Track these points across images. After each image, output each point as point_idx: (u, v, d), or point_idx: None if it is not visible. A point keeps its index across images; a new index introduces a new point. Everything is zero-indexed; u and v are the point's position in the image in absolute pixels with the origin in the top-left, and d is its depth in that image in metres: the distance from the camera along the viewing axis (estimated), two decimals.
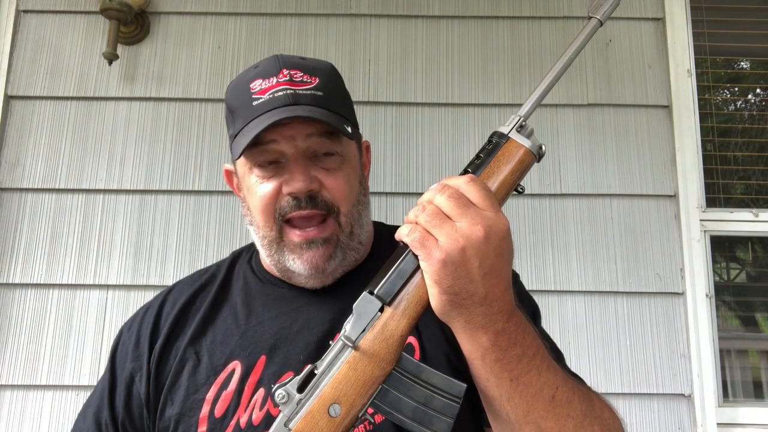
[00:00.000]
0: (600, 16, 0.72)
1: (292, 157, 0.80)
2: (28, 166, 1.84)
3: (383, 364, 0.62)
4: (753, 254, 2.03)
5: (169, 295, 0.94)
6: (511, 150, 0.68)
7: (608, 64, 1.93)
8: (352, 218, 0.84)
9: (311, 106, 0.79)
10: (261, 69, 0.83)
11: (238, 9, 1.95)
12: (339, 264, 0.84)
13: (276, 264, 0.86)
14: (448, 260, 0.59)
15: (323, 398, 0.62)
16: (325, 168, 0.81)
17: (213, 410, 0.79)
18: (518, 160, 0.68)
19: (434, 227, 0.59)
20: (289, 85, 0.80)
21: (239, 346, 0.83)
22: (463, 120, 1.90)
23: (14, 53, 1.91)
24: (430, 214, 0.60)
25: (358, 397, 0.62)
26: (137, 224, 1.81)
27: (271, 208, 0.81)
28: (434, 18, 1.96)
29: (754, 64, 2.19)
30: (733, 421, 1.74)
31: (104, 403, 0.86)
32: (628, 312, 1.77)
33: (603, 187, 1.85)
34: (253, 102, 0.80)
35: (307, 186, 0.79)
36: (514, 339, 0.62)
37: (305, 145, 0.80)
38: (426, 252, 0.59)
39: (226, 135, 1.84)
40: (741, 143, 2.02)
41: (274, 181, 0.81)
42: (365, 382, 0.62)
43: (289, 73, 0.81)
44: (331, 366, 0.63)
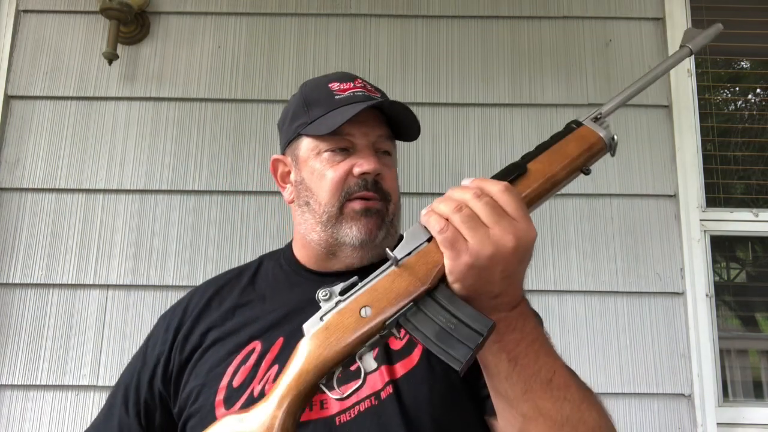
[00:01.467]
0: (692, 46, 0.83)
1: (363, 146, 0.92)
2: (28, 166, 1.84)
3: (418, 283, 0.66)
4: (753, 254, 2.03)
5: (198, 288, 1.04)
6: (582, 133, 0.74)
7: (608, 64, 1.93)
8: (397, 209, 0.96)
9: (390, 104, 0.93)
10: (334, 76, 0.98)
11: (238, 9, 1.95)
12: (382, 240, 0.92)
13: (328, 239, 0.93)
14: (475, 264, 0.62)
15: (358, 300, 0.68)
16: (384, 163, 0.95)
17: (232, 381, 0.87)
18: (588, 144, 0.73)
19: (468, 230, 0.62)
20: (364, 90, 0.95)
21: (261, 329, 0.92)
22: (463, 120, 1.90)
23: (14, 53, 1.91)
24: (465, 216, 0.63)
25: (389, 305, 0.66)
26: (137, 224, 1.81)
27: (340, 185, 0.91)
28: (434, 18, 1.96)
29: (754, 64, 2.19)
30: (733, 421, 1.74)
31: (132, 381, 0.97)
32: (628, 312, 1.77)
33: (603, 187, 1.85)
34: (335, 96, 0.93)
35: (379, 168, 0.91)
36: (514, 325, 0.67)
37: (375, 140, 0.94)
38: (455, 253, 0.62)
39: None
40: (741, 143, 2.02)
41: (346, 163, 0.92)
42: (399, 294, 0.66)
43: (363, 82, 0.98)
44: (373, 279, 0.69)
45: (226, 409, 0.84)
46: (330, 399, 0.81)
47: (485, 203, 0.63)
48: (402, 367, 0.85)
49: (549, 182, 0.71)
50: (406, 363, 0.85)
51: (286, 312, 0.92)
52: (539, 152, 0.74)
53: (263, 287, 1.00)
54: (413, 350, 0.86)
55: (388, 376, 0.84)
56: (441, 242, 0.64)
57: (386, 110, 0.95)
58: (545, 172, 0.71)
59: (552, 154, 0.73)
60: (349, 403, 0.82)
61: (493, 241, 0.61)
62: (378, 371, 0.84)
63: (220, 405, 0.85)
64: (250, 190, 1.83)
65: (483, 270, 0.62)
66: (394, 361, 0.85)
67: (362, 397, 0.82)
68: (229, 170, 1.85)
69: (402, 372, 0.84)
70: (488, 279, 0.63)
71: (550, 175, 0.71)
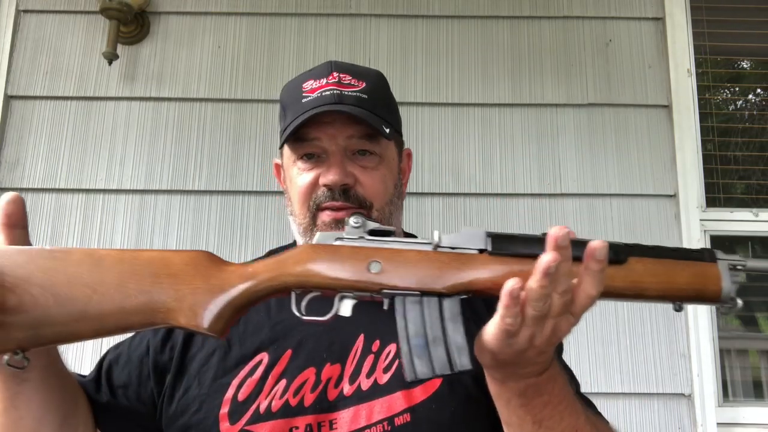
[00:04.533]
0: None
1: (331, 153, 0.86)
2: (28, 166, 1.84)
3: (439, 282, 0.62)
4: (753, 254, 2.03)
5: None
6: (706, 271, 0.64)
7: (608, 64, 1.93)
8: (383, 215, 0.88)
9: (353, 106, 0.86)
10: (314, 71, 0.91)
11: (238, 9, 1.95)
12: None
13: None
14: (520, 349, 0.60)
15: (378, 250, 0.64)
16: (362, 166, 0.87)
17: (237, 394, 0.83)
18: (702, 286, 0.64)
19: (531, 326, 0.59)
20: (336, 86, 0.87)
21: (268, 339, 0.87)
22: (463, 120, 1.90)
23: (14, 53, 1.91)
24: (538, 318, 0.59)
25: (399, 279, 0.63)
26: (137, 224, 1.81)
27: (307, 196, 0.87)
28: (434, 18, 1.96)
29: (754, 64, 2.19)
30: (733, 421, 1.74)
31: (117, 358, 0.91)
32: (628, 312, 1.77)
33: (603, 187, 1.85)
34: (303, 99, 0.88)
35: (342, 179, 0.84)
36: (543, 389, 0.65)
37: (345, 144, 0.86)
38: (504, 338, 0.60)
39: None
40: (741, 143, 2.02)
41: (314, 172, 0.87)
42: (416, 277, 0.63)
43: (338, 75, 0.88)
44: (406, 243, 0.65)
45: (231, 424, 0.81)
46: (339, 420, 0.79)
47: (564, 303, 0.59)
48: (422, 392, 0.81)
49: (634, 292, 0.64)
50: (427, 387, 0.81)
51: (294, 323, 0.87)
52: (651, 253, 0.64)
53: None
54: None
55: (406, 402, 0.79)
56: (499, 325, 0.59)
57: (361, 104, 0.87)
58: (639, 280, 0.63)
59: (660, 267, 0.63)
60: (359, 425, 0.79)
61: (543, 336, 0.59)
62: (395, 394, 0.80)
63: (224, 419, 0.82)
64: (250, 190, 1.83)
65: (524, 352, 0.61)
66: (413, 385, 0.80)
67: (374, 420, 0.79)
68: (229, 170, 1.85)
69: (422, 397, 0.80)
70: (520, 359, 0.62)
71: (641, 287, 0.63)
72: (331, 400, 0.81)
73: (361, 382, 0.81)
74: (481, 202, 1.85)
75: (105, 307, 0.62)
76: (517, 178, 1.86)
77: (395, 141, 0.92)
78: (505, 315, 0.58)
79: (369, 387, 0.81)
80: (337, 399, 0.81)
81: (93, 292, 0.62)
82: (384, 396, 0.80)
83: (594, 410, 0.84)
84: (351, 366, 0.83)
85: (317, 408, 0.80)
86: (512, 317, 0.58)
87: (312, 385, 0.82)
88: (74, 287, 0.61)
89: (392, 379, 0.81)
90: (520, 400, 0.64)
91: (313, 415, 0.80)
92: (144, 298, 0.63)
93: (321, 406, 0.80)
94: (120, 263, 0.64)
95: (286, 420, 0.80)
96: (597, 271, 0.59)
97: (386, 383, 0.81)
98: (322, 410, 0.80)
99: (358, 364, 0.83)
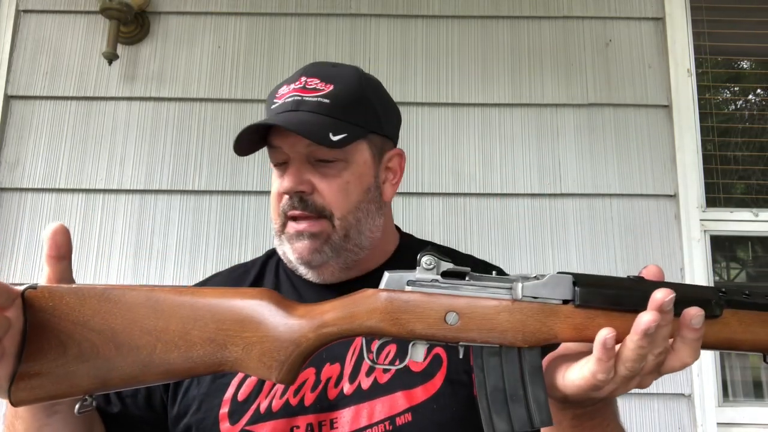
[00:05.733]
0: None
1: (292, 159, 0.86)
2: (28, 166, 1.84)
3: (518, 337, 0.59)
4: (753, 254, 2.03)
5: (207, 283, 1.00)
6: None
7: (608, 64, 1.93)
8: (347, 223, 0.86)
9: (308, 113, 0.83)
10: (291, 76, 0.90)
11: (238, 9, 1.95)
12: (331, 260, 0.86)
13: (283, 256, 0.91)
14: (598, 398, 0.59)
15: (455, 301, 0.60)
16: (323, 173, 0.85)
17: (237, 394, 0.83)
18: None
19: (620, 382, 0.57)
20: (300, 92, 0.85)
21: None
22: (463, 120, 1.90)
23: (14, 53, 1.91)
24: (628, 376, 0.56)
25: (476, 332, 0.59)
26: (137, 224, 1.81)
27: (277, 203, 0.87)
28: (434, 18, 1.96)
29: (754, 64, 2.19)
30: (733, 421, 1.74)
31: None
32: None
33: (603, 187, 1.85)
34: (272, 106, 0.88)
35: (294, 187, 0.83)
36: (597, 413, 0.66)
37: (306, 151, 0.85)
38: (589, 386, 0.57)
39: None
40: (741, 143, 2.02)
41: (280, 180, 0.87)
42: (494, 330, 0.59)
43: (305, 80, 0.86)
44: (483, 289, 0.60)
45: (231, 424, 0.81)
46: (340, 419, 0.79)
47: (656, 365, 0.56)
48: (423, 392, 0.80)
49: (726, 346, 0.60)
50: (428, 387, 0.81)
51: None
52: (747, 302, 0.60)
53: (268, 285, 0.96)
54: (436, 373, 0.82)
55: (408, 402, 0.79)
56: (588, 379, 0.57)
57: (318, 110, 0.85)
58: (733, 337, 0.59)
59: (756, 319, 0.59)
60: (361, 424, 0.79)
61: (627, 389, 0.58)
62: (396, 394, 0.80)
63: (224, 419, 0.82)
64: (250, 190, 1.83)
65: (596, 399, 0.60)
66: (414, 385, 0.80)
67: (376, 420, 0.79)
68: (229, 170, 1.85)
69: (423, 397, 0.80)
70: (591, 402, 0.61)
71: (734, 343, 0.59)
72: (331, 400, 0.81)
73: (361, 381, 0.81)
74: (481, 202, 1.85)
75: (171, 356, 0.59)
76: (517, 178, 1.86)
77: (371, 142, 0.89)
78: (598, 371, 0.55)
79: (369, 386, 0.81)
80: (337, 398, 0.81)
81: (156, 340, 0.59)
82: (385, 395, 0.80)
83: None
84: (350, 365, 0.83)
85: (318, 407, 0.80)
86: (605, 373, 0.55)
87: (312, 384, 0.82)
88: (136, 335, 0.59)
89: (392, 378, 0.81)
90: (572, 422, 0.64)
91: (314, 414, 0.80)
92: (210, 347, 0.60)
93: (322, 405, 0.80)
94: (180, 307, 0.60)
95: (287, 420, 0.80)
96: (694, 340, 0.56)
97: (387, 383, 0.81)
98: (322, 409, 0.80)
99: (356, 363, 0.83)
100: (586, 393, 0.58)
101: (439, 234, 1.81)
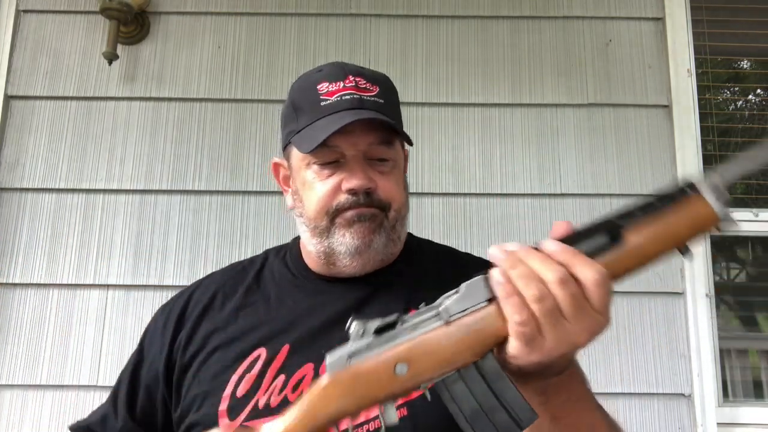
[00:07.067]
0: None
1: (352, 158, 0.87)
2: (28, 166, 1.84)
3: (467, 354, 0.58)
4: (753, 254, 2.03)
5: (203, 282, 1.01)
6: (696, 205, 0.60)
7: (608, 64, 1.93)
8: (399, 216, 0.91)
9: (375, 111, 0.86)
10: (326, 73, 0.90)
11: (238, 9, 1.95)
12: (382, 246, 0.89)
13: (324, 250, 0.90)
14: (545, 360, 0.57)
15: (396, 352, 0.59)
16: (380, 171, 0.89)
17: (236, 390, 0.84)
18: (700, 221, 0.60)
19: (549, 326, 0.55)
20: (355, 91, 0.87)
21: (266, 335, 0.89)
22: (463, 120, 1.90)
23: (14, 53, 1.91)
24: (548, 311, 0.55)
25: (429, 370, 0.59)
26: (137, 224, 1.81)
27: (329, 201, 0.87)
28: (434, 18, 1.96)
29: (754, 64, 2.19)
30: (733, 421, 1.74)
31: (126, 379, 0.96)
32: (628, 312, 1.77)
33: (603, 187, 1.85)
34: (321, 102, 0.87)
35: (366, 183, 0.86)
36: (564, 386, 0.65)
37: (366, 149, 0.87)
38: (528, 349, 0.56)
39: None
40: (741, 143, 2.02)
41: (334, 178, 0.87)
42: (443, 360, 0.59)
43: (354, 79, 0.88)
44: (415, 328, 0.60)
45: (230, 420, 0.82)
46: None
47: (570, 295, 0.55)
48: None
49: (644, 263, 0.60)
50: None
51: (293, 318, 0.90)
52: (641, 216, 0.61)
53: (268, 287, 0.96)
54: None
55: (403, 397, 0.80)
56: (517, 334, 0.56)
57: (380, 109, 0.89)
58: (645, 250, 0.59)
59: (657, 228, 0.59)
60: (359, 420, 0.78)
61: (569, 340, 0.56)
62: None
63: (223, 415, 0.83)
64: (250, 190, 1.83)
65: (551, 361, 0.58)
66: None
67: (372, 415, 0.79)
68: (229, 170, 1.85)
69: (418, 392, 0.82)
70: (551, 365, 0.59)
71: (649, 255, 0.59)
72: None
73: None
74: (481, 202, 1.85)
75: None
76: (517, 178, 1.86)
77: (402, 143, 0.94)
78: (511, 313, 0.56)
79: None
80: None
81: None
82: None
83: None
84: None
85: None
86: (518, 313, 0.55)
87: (311, 380, 0.82)
88: None
89: None
90: (540, 398, 0.62)
91: None
92: None
93: None
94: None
95: None
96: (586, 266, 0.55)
97: None
98: None
99: None
100: (526, 352, 0.56)
101: (439, 234, 1.81)
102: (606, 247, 0.58)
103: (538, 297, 0.55)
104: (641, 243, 0.59)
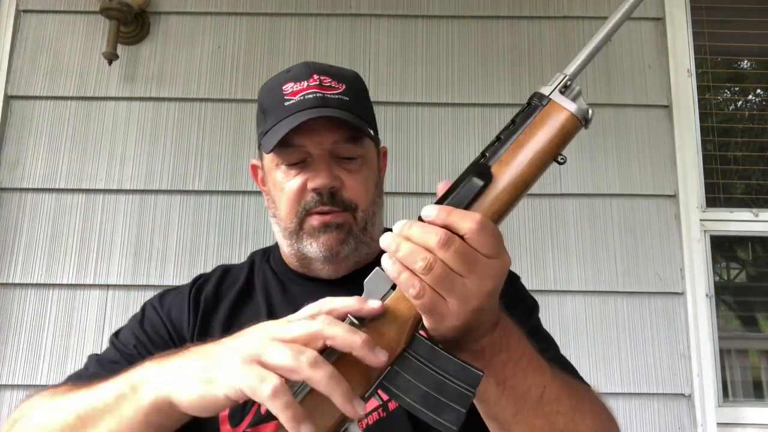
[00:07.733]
0: None
1: (317, 157, 0.86)
2: (28, 166, 1.84)
3: (392, 347, 0.57)
4: (753, 254, 2.03)
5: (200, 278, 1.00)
6: (551, 114, 0.59)
7: (608, 64, 1.93)
8: (367, 216, 0.90)
9: (338, 109, 0.85)
10: (293, 73, 0.90)
11: (238, 9, 1.95)
12: (351, 252, 0.89)
13: (296, 253, 0.91)
14: (459, 324, 0.56)
15: None
16: (347, 169, 0.88)
17: None
18: (559, 126, 0.59)
19: (445, 290, 0.54)
20: (319, 89, 0.87)
21: None
22: (463, 120, 1.90)
23: (14, 53, 1.91)
24: (438, 278, 0.54)
25: (363, 378, 0.57)
26: (137, 224, 1.81)
27: (296, 201, 0.87)
28: (434, 18, 1.96)
29: (754, 64, 2.19)
30: (733, 421, 1.74)
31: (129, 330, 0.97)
32: (628, 312, 1.77)
33: (603, 187, 1.85)
34: (285, 102, 0.87)
35: (330, 182, 0.85)
36: (500, 345, 0.63)
37: (331, 148, 0.86)
38: (437, 317, 0.56)
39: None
40: (741, 143, 2.02)
41: (301, 177, 0.87)
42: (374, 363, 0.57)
43: (319, 78, 0.88)
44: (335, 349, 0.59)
45: (232, 427, 0.81)
46: None
47: (456, 253, 0.54)
48: None
49: (520, 188, 0.58)
50: None
51: None
52: (502, 145, 0.59)
53: (258, 293, 0.96)
54: None
55: None
56: (421, 307, 0.55)
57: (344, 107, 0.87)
58: (514, 176, 0.58)
59: (518, 148, 0.58)
60: None
61: (473, 293, 0.55)
62: None
63: (224, 421, 0.82)
64: (250, 190, 1.83)
65: (468, 323, 0.57)
66: None
67: (369, 409, 0.78)
68: (229, 170, 1.85)
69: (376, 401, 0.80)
70: (471, 325, 0.57)
71: (520, 180, 0.58)
72: None
73: None
74: None
75: None
76: None
77: (373, 140, 0.93)
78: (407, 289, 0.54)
79: None
80: None
81: None
82: None
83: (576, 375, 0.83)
84: None
85: None
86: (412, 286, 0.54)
87: None
88: None
89: None
90: (479, 363, 0.60)
91: None
92: None
93: None
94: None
95: None
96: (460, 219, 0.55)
97: None
98: None
99: None
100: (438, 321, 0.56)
101: None
102: (481, 189, 0.57)
103: (425, 267, 0.53)
104: (511, 171, 0.58)
